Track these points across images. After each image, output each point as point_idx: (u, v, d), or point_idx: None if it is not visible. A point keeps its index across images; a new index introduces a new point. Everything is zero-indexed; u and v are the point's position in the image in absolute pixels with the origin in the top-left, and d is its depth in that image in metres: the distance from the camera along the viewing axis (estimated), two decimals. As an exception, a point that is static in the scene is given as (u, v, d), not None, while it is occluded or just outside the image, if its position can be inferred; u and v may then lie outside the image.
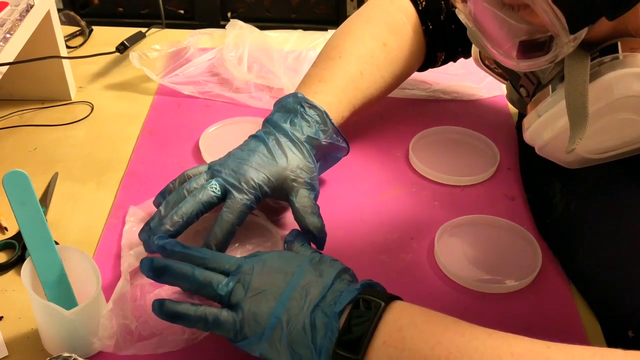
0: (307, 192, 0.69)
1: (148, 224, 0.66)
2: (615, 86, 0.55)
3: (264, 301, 0.55)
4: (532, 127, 0.62)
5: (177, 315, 0.56)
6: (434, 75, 0.97)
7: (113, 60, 1.01)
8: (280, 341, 0.54)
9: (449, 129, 0.87)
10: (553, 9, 0.51)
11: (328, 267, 0.58)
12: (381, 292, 0.56)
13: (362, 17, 0.84)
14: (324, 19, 2.10)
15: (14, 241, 0.70)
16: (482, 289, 0.67)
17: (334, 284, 0.56)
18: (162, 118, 0.90)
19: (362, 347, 0.51)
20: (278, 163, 0.68)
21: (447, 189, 0.79)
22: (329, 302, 0.54)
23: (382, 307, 0.52)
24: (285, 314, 0.54)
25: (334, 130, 0.73)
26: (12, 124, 0.88)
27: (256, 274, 0.57)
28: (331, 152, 0.75)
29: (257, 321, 0.55)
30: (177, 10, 2.08)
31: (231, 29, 0.99)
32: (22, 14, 0.78)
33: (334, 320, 0.53)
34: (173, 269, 0.58)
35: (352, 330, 0.52)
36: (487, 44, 0.59)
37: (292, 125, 0.71)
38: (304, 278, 0.56)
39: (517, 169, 0.82)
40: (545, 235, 0.72)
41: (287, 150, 0.70)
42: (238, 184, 0.66)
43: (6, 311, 0.64)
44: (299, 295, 0.55)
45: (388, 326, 0.52)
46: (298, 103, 0.72)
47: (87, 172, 0.81)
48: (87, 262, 0.59)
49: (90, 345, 0.59)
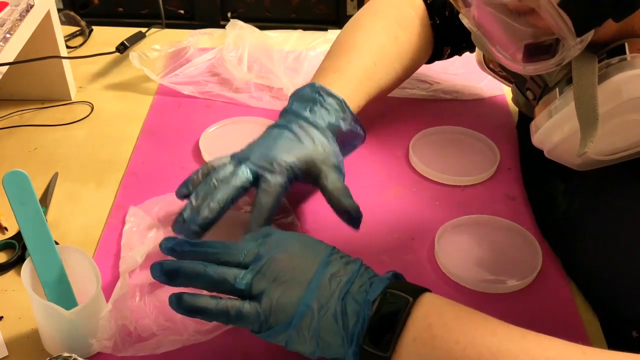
0: (338, 174, 0.70)
1: (181, 216, 0.65)
2: (624, 88, 0.54)
3: (292, 289, 0.54)
4: (540, 131, 0.62)
5: (197, 310, 0.54)
6: (434, 75, 0.97)
7: (113, 60, 1.01)
8: (309, 329, 0.53)
9: (449, 129, 0.87)
10: (559, 13, 0.51)
11: (346, 255, 0.57)
12: (409, 285, 0.54)
13: (372, 11, 0.85)
14: (324, 19, 2.10)
15: (14, 241, 0.70)
16: (483, 289, 0.67)
17: (361, 271, 0.55)
18: (162, 118, 0.90)
19: (390, 345, 0.50)
20: (306, 146, 0.69)
21: (447, 189, 0.79)
22: (357, 289, 0.53)
23: (411, 302, 0.52)
24: (315, 301, 0.53)
25: (353, 118, 0.74)
26: (12, 124, 0.88)
27: (278, 262, 0.55)
28: (349, 140, 0.75)
29: (284, 310, 0.53)
30: (177, 10, 2.08)
31: (231, 29, 0.99)
32: (22, 14, 0.78)
33: (366, 308, 0.52)
34: (185, 270, 0.56)
35: (382, 326, 0.51)
36: (492, 48, 0.58)
37: (313, 114, 0.72)
38: (333, 265, 0.55)
39: (517, 168, 0.82)
40: (547, 234, 0.72)
41: (313, 135, 0.70)
42: (270, 167, 0.67)
43: (6, 311, 0.64)
44: (327, 282, 0.54)
45: (417, 323, 0.51)
46: (316, 92, 0.73)
47: (87, 172, 0.81)
48: (87, 262, 0.59)
49: (90, 346, 0.59)
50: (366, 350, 0.51)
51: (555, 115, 0.60)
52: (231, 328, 0.62)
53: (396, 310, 0.51)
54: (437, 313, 0.52)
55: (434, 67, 0.98)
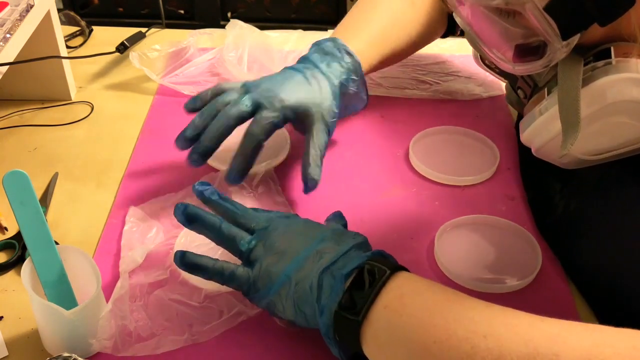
0: (325, 135, 0.73)
1: (184, 133, 0.72)
2: (608, 91, 0.55)
3: (281, 261, 0.58)
4: (528, 129, 0.62)
5: (197, 266, 0.60)
6: (434, 75, 0.97)
7: (113, 60, 1.01)
8: (287, 298, 0.57)
9: (449, 129, 0.87)
10: (545, 16, 0.52)
11: (348, 238, 0.60)
12: (390, 261, 0.57)
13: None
14: (324, 19, 2.10)
15: (14, 241, 0.70)
16: (482, 289, 0.67)
17: (349, 252, 0.57)
18: (162, 118, 0.90)
19: (362, 309, 0.52)
20: (311, 93, 0.72)
21: (447, 189, 0.79)
22: (339, 266, 0.56)
23: (388, 274, 0.54)
24: (296, 273, 0.57)
25: (362, 82, 0.77)
26: (12, 124, 0.88)
27: (279, 236, 0.60)
28: (352, 101, 0.78)
29: (269, 277, 0.58)
30: (177, 10, 2.08)
31: (231, 29, 0.99)
32: (22, 14, 0.78)
33: (339, 282, 0.54)
34: (203, 219, 0.62)
35: (355, 294, 0.53)
36: (484, 47, 0.59)
37: (329, 67, 0.75)
38: (322, 244, 0.59)
39: (517, 168, 0.82)
40: (546, 235, 0.72)
41: (321, 86, 0.73)
42: (268, 102, 0.70)
43: (6, 311, 0.64)
44: (312, 258, 0.57)
45: (391, 292, 0.53)
46: (337, 48, 0.76)
47: (87, 172, 0.81)
48: (87, 262, 0.59)
49: (90, 346, 0.59)
50: (339, 315, 0.53)
51: (543, 114, 0.60)
52: (231, 328, 0.62)
53: (372, 279, 0.54)
54: (410, 285, 0.54)
55: (434, 67, 0.99)
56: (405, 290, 0.53)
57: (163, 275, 0.66)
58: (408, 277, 0.55)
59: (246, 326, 0.63)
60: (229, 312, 0.63)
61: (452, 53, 1.01)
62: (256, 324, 0.63)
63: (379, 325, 0.52)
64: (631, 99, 0.55)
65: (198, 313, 0.63)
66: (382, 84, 0.94)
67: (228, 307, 0.63)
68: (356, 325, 0.53)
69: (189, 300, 0.63)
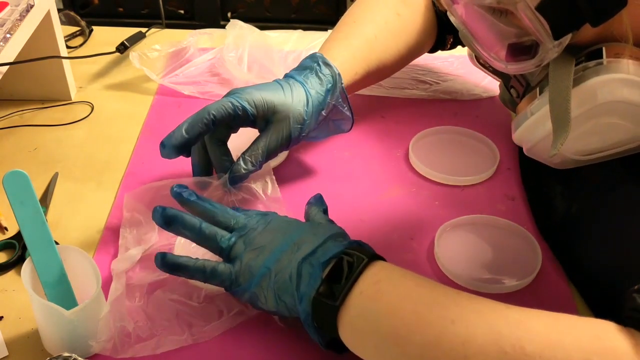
0: (281, 138, 0.71)
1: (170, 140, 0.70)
2: (599, 91, 0.55)
3: (261, 255, 0.60)
4: (520, 129, 0.62)
5: (178, 266, 0.61)
6: (434, 75, 0.97)
7: (113, 60, 1.01)
8: (268, 289, 0.58)
9: (449, 129, 0.87)
10: (536, 16, 0.52)
11: (324, 228, 0.61)
12: (367, 250, 0.59)
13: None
14: (324, 19, 2.10)
15: (14, 241, 0.70)
16: (482, 289, 0.67)
17: (327, 242, 0.59)
18: (162, 118, 0.90)
19: (340, 295, 0.54)
20: (282, 96, 0.71)
21: (447, 189, 0.79)
22: (318, 256, 0.57)
23: (365, 262, 0.55)
24: (275, 264, 0.59)
25: (341, 93, 0.75)
26: (12, 124, 0.88)
27: (258, 233, 0.62)
28: (334, 117, 0.77)
29: (250, 272, 0.59)
30: (177, 10, 2.08)
31: (231, 29, 0.99)
32: (22, 14, 0.78)
33: (317, 269, 0.56)
34: (182, 220, 0.62)
35: (334, 282, 0.55)
36: (477, 46, 0.60)
37: (307, 79, 0.74)
38: (299, 236, 0.60)
39: (517, 169, 0.82)
40: (546, 235, 0.72)
41: (295, 94, 0.72)
42: (236, 92, 0.70)
43: (6, 311, 0.64)
44: (291, 249, 0.59)
45: (368, 279, 0.55)
46: (314, 61, 0.75)
47: (87, 172, 0.81)
48: (87, 262, 0.59)
49: (90, 346, 0.59)
50: (318, 301, 0.55)
51: (534, 114, 0.60)
52: (231, 328, 0.62)
53: (350, 266, 0.55)
54: (386, 272, 0.56)
55: (433, 67, 0.99)
56: (381, 276, 0.55)
57: (163, 275, 0.66)
58: (384, 265, 0.57)
59: (246, 326, 0.63)
60: (229, 312, 0.63)
61: (452, 53, 1.01)
62: (256, 324, 0.63)
63: (355, 312, 0.54)
64: (622, 99, 0.55)
65: (198, 313, 0.63)
66: (382, 84, 0.94)
67: (228, 307, 0.63)
68: (334, 310, 0.54)
69: (189, 300, 0.64)
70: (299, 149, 0.84)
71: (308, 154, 0.84)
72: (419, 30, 0.84)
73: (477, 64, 0.76)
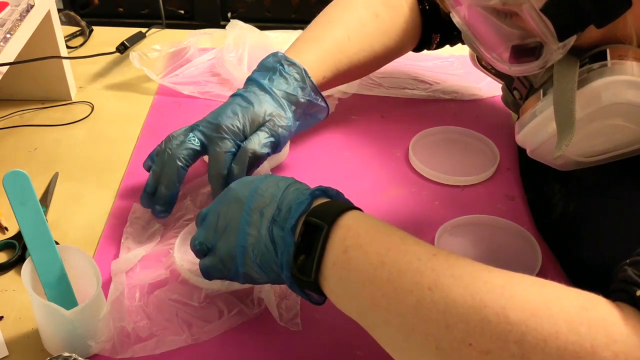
0: (266, 137, 0.71)
1: (145, 190, 0.72)
2: (603, 93, 0.55)
3: (229, 236, 0.58)
4: (523, 131, 0.62)
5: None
6: (433, 76, 0.97)
7: (113, 60, 1.01)
8: (253, 265, 0.57)
9: (449, 129, 0.87)
10: (541, 17, 0.52)
11: (274, 181, 0.59)
12: (328, 207, 0.55)
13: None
14: (324, 19, 2.09)
15: (14, 241, 0.70)
16: (482, 289, 0.67)
17: (285, 194, 0.57)
18: (162, 118, 0.90)
19: (312, 272, 0.53)
20: (253, 108, 0.71)
21: (447, 189, 0.79)
22: (284, 215, 0.56)
23: (326, 229, 0.53)
24: (247, 239, 0.57)
25: (312, 88, 0.75)
26: (12, 124, 0.88)
27: (216, 213, 0.60)
28: (311, 111, 0.77)
29: (230, 256, 0.58)
30: (177, 10, 2.07)
31: (231, 29, 0.99)
32: (22, 14, 0.78)
33: (288, 236, 0.54)
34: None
35: (305, 256, 0.53)
36: (480, 47, 0.59)
37: (271, 82, 0.74)
38: (255, 200, 0.58)
39: (517, 169, 0.82)
40: (545, 235, 0.72)
41: (262, 99, 0.72)
42: (217, 133, 0.70)
43: (6, 311, 0.64)
44: (254, 218, 0.57)
45: (335, 249, 0.53)
46: (278, 61, 0.75)
47: (87, 172, 0.81)
48: (87, 262, 0.59)
49: (90, 346, 0.59)
50: (296, 277, 0.54)
51: (538, 116, 0.60)
52: (231, 328, 0.62)
53: (312, 239, 0.53)
54: (353, 235, 0.53)
55: (433, 67, 0.99)
56: (348, 242, 0.53)
57: (163, 275, 0.66)
58: (349, 225, 0.54)
59: (246, 326, 0.63)
60: (229, 312, 0.63)
61: (452, 53, 1.01)
62: (256, 324, 0.63)
63: (332, 281, 0.53)
64: (626, 101, 0.55)
65: (198, 313, 0.63)
66: (382, 84, 0.94)
67: (228, 307, 0.63)
68: (313, 284, 0.53)
69: (189, 300, 0.64)
70: (299, 149, 0.84)
71: (308, 154, 0.84)
72: (399, 32, 0.83)
73: (478, 66, 0.76)
